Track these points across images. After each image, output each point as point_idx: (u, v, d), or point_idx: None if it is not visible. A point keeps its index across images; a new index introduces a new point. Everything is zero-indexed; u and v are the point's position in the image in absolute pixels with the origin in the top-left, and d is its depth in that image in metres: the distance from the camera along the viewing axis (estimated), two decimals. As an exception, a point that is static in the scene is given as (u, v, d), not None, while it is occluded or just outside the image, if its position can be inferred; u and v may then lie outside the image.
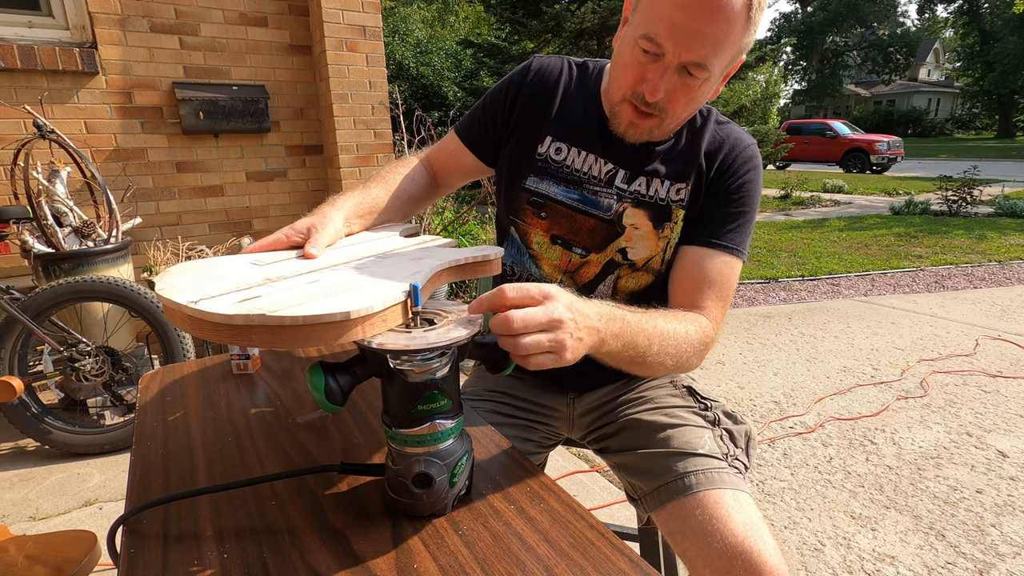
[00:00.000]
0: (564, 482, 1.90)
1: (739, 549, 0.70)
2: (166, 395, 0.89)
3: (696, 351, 0.80)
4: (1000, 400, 2.45)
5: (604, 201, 0.90)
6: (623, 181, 0.90)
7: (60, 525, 1.71)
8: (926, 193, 9.01)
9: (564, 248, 0.93)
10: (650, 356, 0.74)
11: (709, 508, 0.75)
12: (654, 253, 0.90)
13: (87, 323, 2.19)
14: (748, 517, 0.74)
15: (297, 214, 3.11)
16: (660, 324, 0.75)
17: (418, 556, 0.53)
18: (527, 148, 0.93)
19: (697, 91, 0.79)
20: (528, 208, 0.94)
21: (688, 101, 0.81)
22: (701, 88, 0.79)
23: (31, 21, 2.46)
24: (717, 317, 0.86)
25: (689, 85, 0.78)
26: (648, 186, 0.90)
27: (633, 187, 0.90)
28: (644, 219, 0.89)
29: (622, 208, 0.90)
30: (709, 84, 0.80)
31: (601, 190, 0.90)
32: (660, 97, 0.78)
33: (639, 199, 0.90)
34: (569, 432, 1.05)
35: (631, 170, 0.90)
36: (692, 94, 0.79)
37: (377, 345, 0.54)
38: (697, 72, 0.76)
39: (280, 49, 2.91)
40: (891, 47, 39.17)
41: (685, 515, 0.77)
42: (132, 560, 0.53)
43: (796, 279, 4.59)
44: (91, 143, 2.56)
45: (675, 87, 0.78)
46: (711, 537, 0.72)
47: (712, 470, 0.80)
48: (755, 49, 8.72)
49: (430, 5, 18.08)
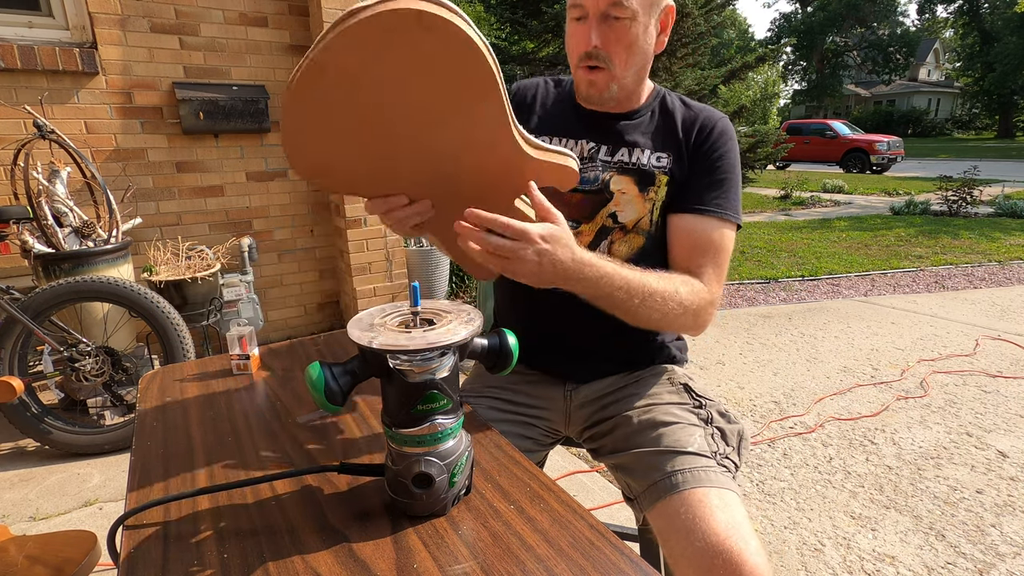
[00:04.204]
0: (564, 482, 1.90)
1: (720, 548, 0.69)
2: (166, 395, 0.89)
3: (688, 311, 0.85)
4: (1000, 400, 2.45)
5: (590, 175, 0.97)
6: (606, 154, 0.98)
7: (60, 525, 1.71)
8: (926, 193, 9.00)
9: None
10: (631, 308, 0.81)
11: (693, 506, 0.75)
12: (642, 215, 0.96)
13: (87, 323, 2.19)
14: (731, 516, 0.73)
15: (297, 214, 3.12)
16: (648, 281, 0.81)
17: (418, 556, 0.53)
18: None
19: (629, 32, 0.87)
20: None
21: (626, 45, 0.88)
22: (632, 30, 0.86)
23: (31, 21, 2.46)
24: (712, 279, 0.90)
25: (619, 29, 0.86)
26: (630, 155, 0.97)
27: (616, 157, 0.97)
28: (630, 184, 0.96)
29: (608, 176, 0.97)
30: (639, 25, 0.87)
31: (585, 167, 0.97)
32: (595, 44, 0.87)
33: (623, 167, 0.97)
34: (566, 428, 1.05)
35: (612, 144, 0.98)
36: (626, 38, 0.87)
37: (377, 345, 0.54)
38: (618, 12, 0.85)
39: (280, 49, 2.91)
40: (891, 47, 39.15)
41: (670, 514, 0.77)
42: (132, 560, 0.53)
43: (796, 279, 4.59)
44: (91, 143, 2.56)
45: (606, 35, 0.87)
46: (693, 535, 0.72)
47: (699, 468, 0.81)
48: (755, 49, 8.67)
49: (430, 5, 18.09)
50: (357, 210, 3.00)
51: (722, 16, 8.63)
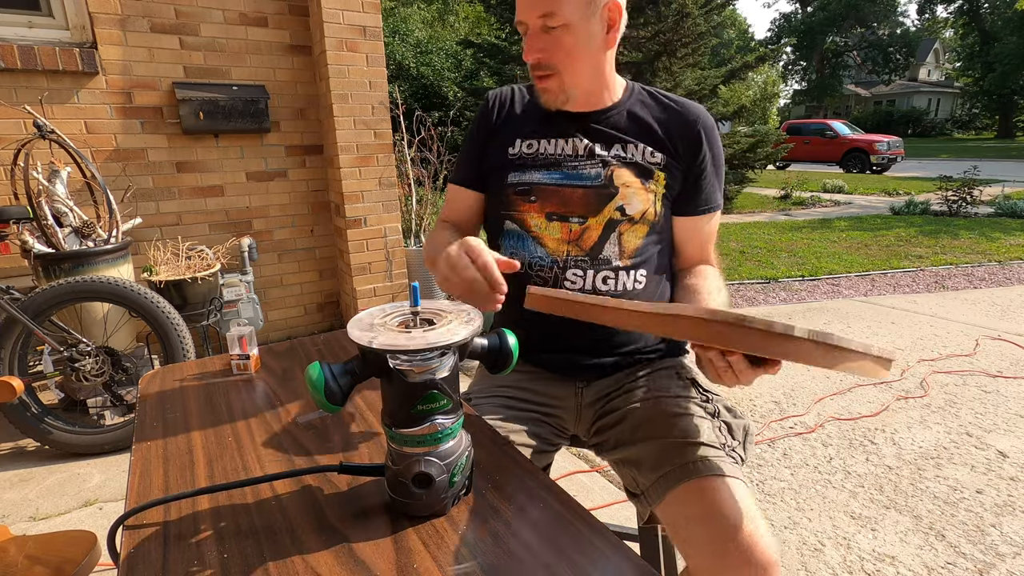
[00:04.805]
0: (564, 482, 1.90)
1: (735, 532, 0.72)
2: (166, 395, 0.89)
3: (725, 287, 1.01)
4: (1000, 400, 2.45)
5: (590, 171, 0.99)
6: (603, 150, 1.00)
7: (60, 525, 1.71)
8: (926, 193, 9.00)
9: (561, 221, 0.99)
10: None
11: (708, 493, 0.77)
12: (647, 206, 0.99)
13: (87, 323, 2.19)
14: (744, 502, 0.76)
15: (297, 214, 3.12)
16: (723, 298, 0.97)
17: (418, 556, 0.53)
18: (501, 153, 1.05)
19: (565, 38, 0.91)
20: (516, 198, 1.02)
21: (566, 51, 0.92)
22: (567, 37, 0.90)
23: (31, 21, 2.46)
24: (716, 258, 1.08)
25: (556, 37, 0.91)
26: (625, 149, 1.00)
27: (613, 152, 1.00)
28: (632, 176, 0.99)
29: (611, 172, 0.99)
30: (573, 30, 0.90)
31: (582, 163, 1.00)
32: (536, 56, 0.93)
33: (623, 160, 1.00)
34: (576, 426, 1.06)
35: (605, 141, 1.01)
36: (564, 43, 0.91)
37: (377, 345, 0.54)
38: (551, 21, 0.89)
39: (280, 49, 2.91)
40: (891, 47, 39.14)
41: (684, 501, 0.78)
42: (132, 560, 0.53)
43: (796, 279, 4.59)
44: (91, 143, 2.56)
45: (546, 45, 0.92)
46: (709, 521, 0.74)
47: (710, 458, 0.82)
48: (755, 49, 8.61)
49: (430, 5, 18.07)
50: (357, 210, 3.00)
51: (722, 16, 8.63)
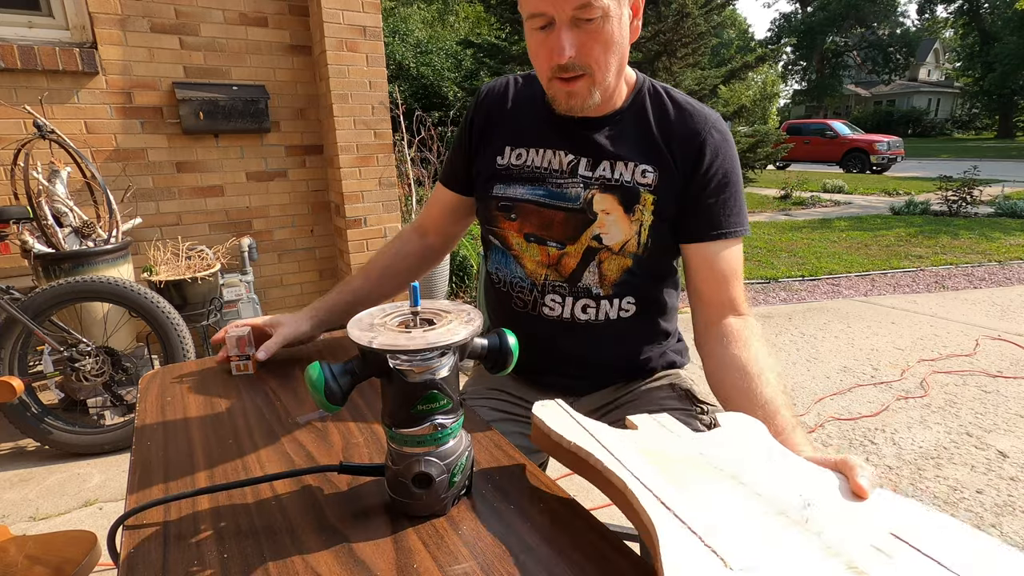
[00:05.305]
0: (564, 482, 1.89)
1: None
2: (166, 395, 0.89)
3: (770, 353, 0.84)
4: (1000, 400, 2.45)
5: (572, 191, 0.90)
6: (587, 168, 0.90)
7: (60, 525, 1.71)
8: (926, 193, 9.00)
9: (539, 244, 0.93)
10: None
11: None
12: (628, 237, 0.89)
13: (87, 323, 2.19)
14: None
15: (297, 214, 3.12)
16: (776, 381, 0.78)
17: (418, 556, 0.53)
18: (490, 162, 0.97)
19: (603, 32, 0.78)
20: (499, 214, 0.96)
21: (603, 45, 0.80)
22: (605, 28, 0.78)
23: (31, 21, 2.46)
24: (744, 303, 0.88)
25: (591, 30, 0.78)
26: (612, 170, 0.89)
27: (598, 172, 0.90)
28: (615, 203, 0.89)
29: (590, 195, 0.90)
30: (611, 20, 0.78)
31: (566, 181, 0.91)
32: (570, 55, 0.79)
33: (606, 184, 0.89)
34: None
35: (592, 157, 0.90)
36: (600, 37, 0.79)
37: (377, 345, 0.54)
38: (588, 13, 0.76)
39: (280, 49, 2.91)
40: (891, 47, 39.14)
41: None
42: (132, 560, 0.53)
43: (796, 279, 4.59)
44: (91, 143, 2.56)
45: (579, 39, 0.78)
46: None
47: None
48: (755, 49, 8.58)
49: (430, 5, 18.07)
50: (357, 210, 3.00)
51: (722, 16, 8.63)
